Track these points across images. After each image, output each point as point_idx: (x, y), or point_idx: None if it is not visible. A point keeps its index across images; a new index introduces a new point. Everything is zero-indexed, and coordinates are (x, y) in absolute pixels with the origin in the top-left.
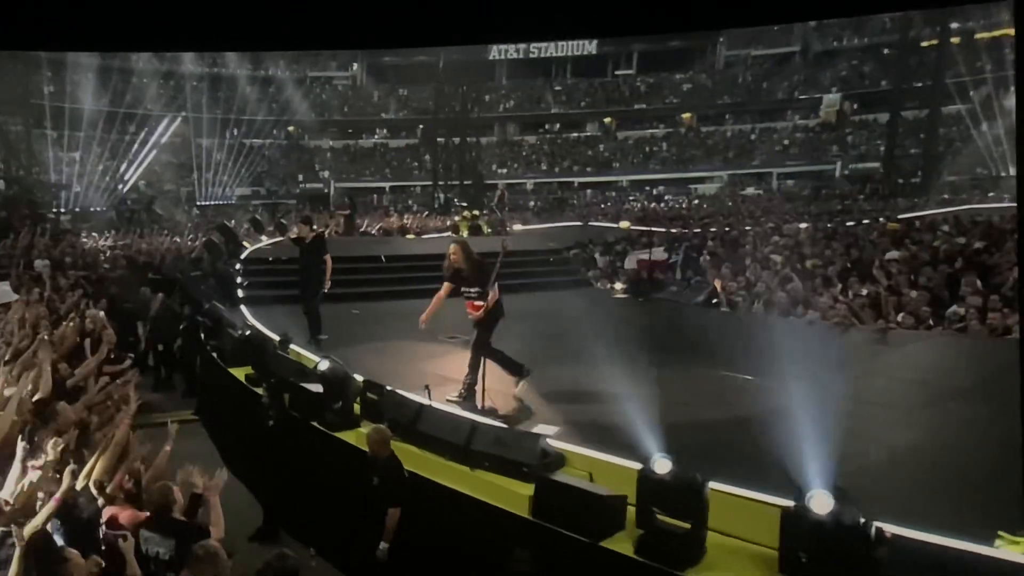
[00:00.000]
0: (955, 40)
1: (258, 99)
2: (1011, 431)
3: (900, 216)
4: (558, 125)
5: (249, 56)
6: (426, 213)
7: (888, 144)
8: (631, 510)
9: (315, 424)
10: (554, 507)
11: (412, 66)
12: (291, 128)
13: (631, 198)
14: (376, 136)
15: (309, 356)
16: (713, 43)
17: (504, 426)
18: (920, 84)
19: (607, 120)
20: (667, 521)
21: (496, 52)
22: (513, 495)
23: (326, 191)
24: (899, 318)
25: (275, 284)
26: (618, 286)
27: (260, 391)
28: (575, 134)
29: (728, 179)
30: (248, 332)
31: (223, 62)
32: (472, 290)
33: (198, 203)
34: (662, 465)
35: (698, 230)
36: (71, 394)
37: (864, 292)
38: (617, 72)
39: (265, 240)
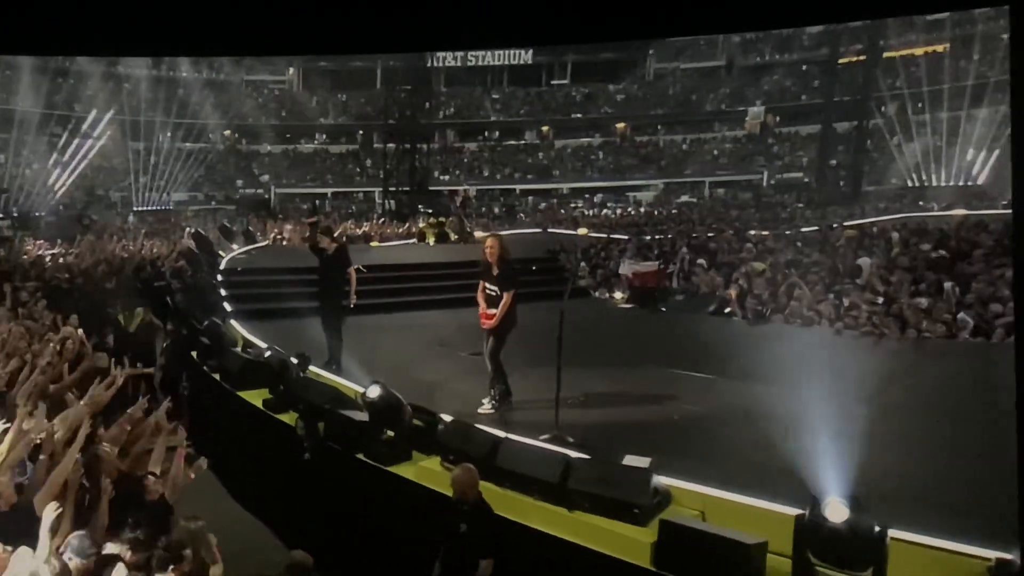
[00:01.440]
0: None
1: (193, 102)
2: None
3: (847, 223)
4: (497, 133)
5: (183, 58)
6: (382, 220)
7: (820, 155)
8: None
9: (362, 458)
10: (684, 556)
11: (349, 72)
12: (227, 132)
13: (571, 205)
14: (316, 142)
15: (333, 378)
16: (643, 55)
17: (607, 461)
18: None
19: (544, 128)
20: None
21: (434, 60)
22: (627, 541)
23: (267, 196)
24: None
25: (263, 297)
26: (618, 295)
27: (285, 419)
28: (514, 142)
29: (664, 187)
30: (267, 352)
31: (156, 64)
32: (493, 288)
33: (135, 208)
34: (837, 511)
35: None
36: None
37: (880, 300)
38: (552, 82)
39: (237, 248)
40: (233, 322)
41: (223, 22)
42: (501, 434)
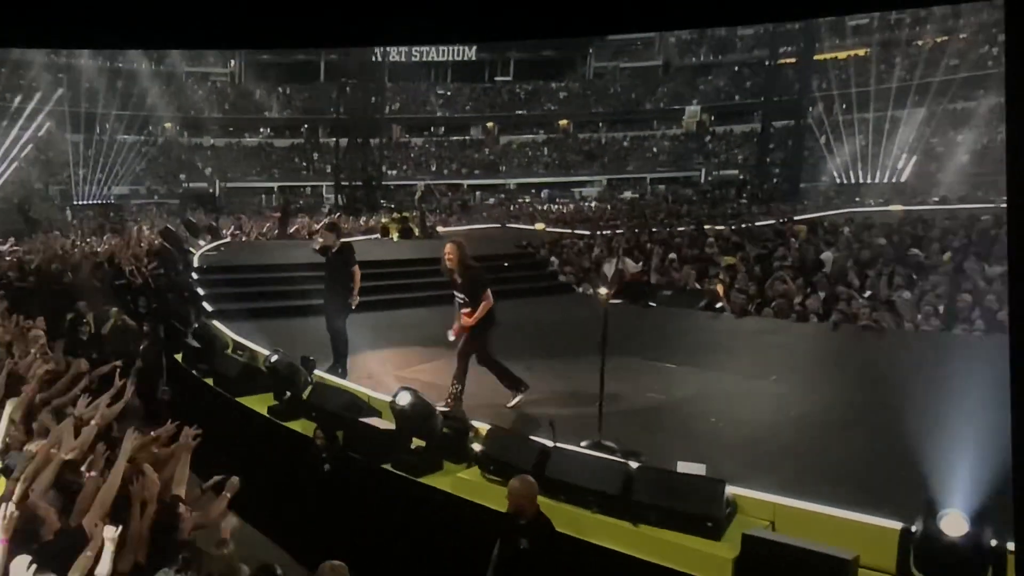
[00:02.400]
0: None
1: (133, 93)
2: None
3: (796, 218)
4: (443, 128)
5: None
6: (339, 215)
7: (760, 153)
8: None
9: (390, 469)
10: (770, 573)
11: (292, 65)
12: (168, 124)
13: (519, 200)
14: (260, 135)
15: (346, 385)
16: (583, 54)
17: (687, 472)
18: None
19: (489, 125)
20: None
21: (378, 54)
22: (703, 557)
23: (211, 191)
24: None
25: (244, 296)
26: (602, 291)
27: (295, 427)
28: (460, 137)
29: (607, 183)
30: (274, 356)
31: (95, 54)
32: (461, 296)
33: (75, 203)
34: (955, 524)
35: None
36: None
37: (867, 293)
38: (496, 78)
39: (204, 244)
40: (216, 323)
41: (165, 14)
42: (549, 443)
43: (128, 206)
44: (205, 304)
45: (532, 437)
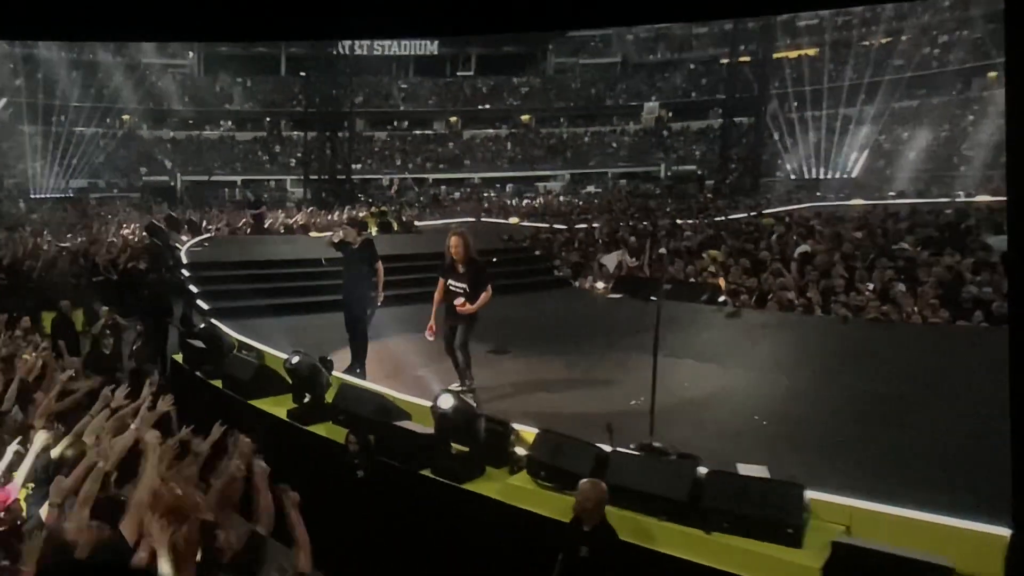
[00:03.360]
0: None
1: (86, 85)
2: None
3: (764, 212)
4: (407, 122)
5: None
6: (310, 209)
7: (723, 148)
8: None
9: (429, 475)
10: None
11: (252, 57)
12: (126, 117)
13: (486, 194)
14: (221, 128)
15: (372, 387)
16: (543, 50)
17: (752, 475)
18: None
19: (452, 119)
20: None
21: (340, 47)
22: (786, 566)
23: (172, 184)
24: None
25: (239, 294)
26: (600, 285)
27: (320, 431)
28: (424, 131)
29: (570, 178)
30: (296, 358)
31: (51, 44)
32: (461, 286)
33: (31, 196)
34: None
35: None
36: None
37: (871, 286)
38: (458, 73)
39: (187, 239)
40: (215, 321)
41: (123, 5)
42: (607, 447)
43: (87, 199)
44: (200, 302)
45: (586, 440)
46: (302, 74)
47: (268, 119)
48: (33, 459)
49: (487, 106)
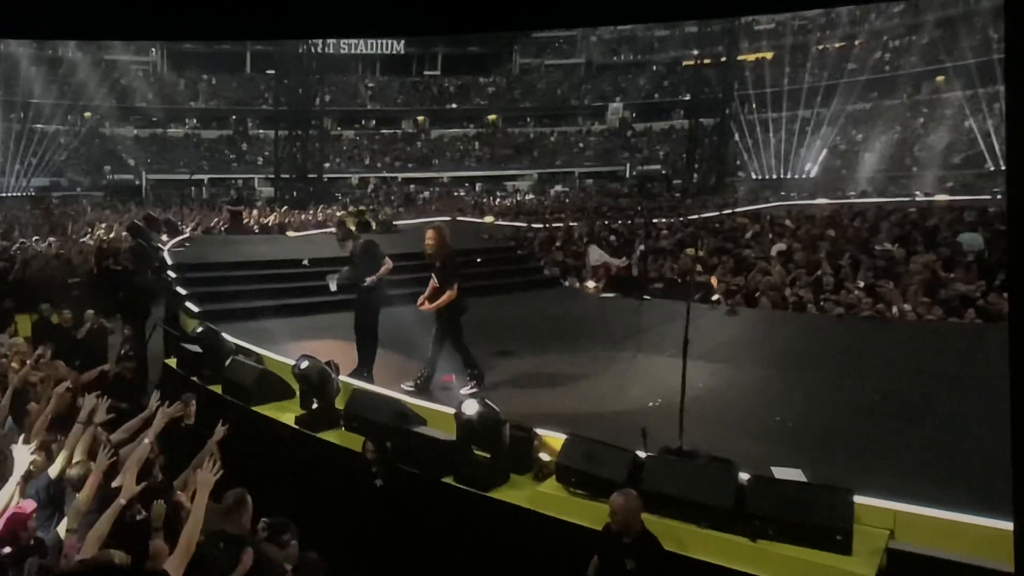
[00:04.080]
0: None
1: (48, 80)
2: None
3: (736, 211)
4: (374, 121)
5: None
6: (284, 208)
7: (689, 149)
8: None
9: (452, 483)
10: None
11: (217, 54)
12: (87, 114)
13: (456, 193)
14: (186, 126)
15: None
16: (508, 50)
17: (796, 478)
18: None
19: (420, 118)
20: None
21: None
22: (837, 574)
23: (137, 183)
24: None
25: (229, 295)
26: (590, 284)
27: (332, 438)
28: (391, 130)
29: (538, 177)
30: (305, 363)
31: (6, 40)
32: (436, 280)
33: None
34: None
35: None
36: None
37: (861, 284)
38: (425, 72)
39: (168, 240)
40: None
41: (85, 4)
42: (641, 453)
43: (50, 198)
44: (190, 304)
45: (614, 445)
46: (268, 72)
47: (234, 117)
48: (23, 478)
49: (454, 105)
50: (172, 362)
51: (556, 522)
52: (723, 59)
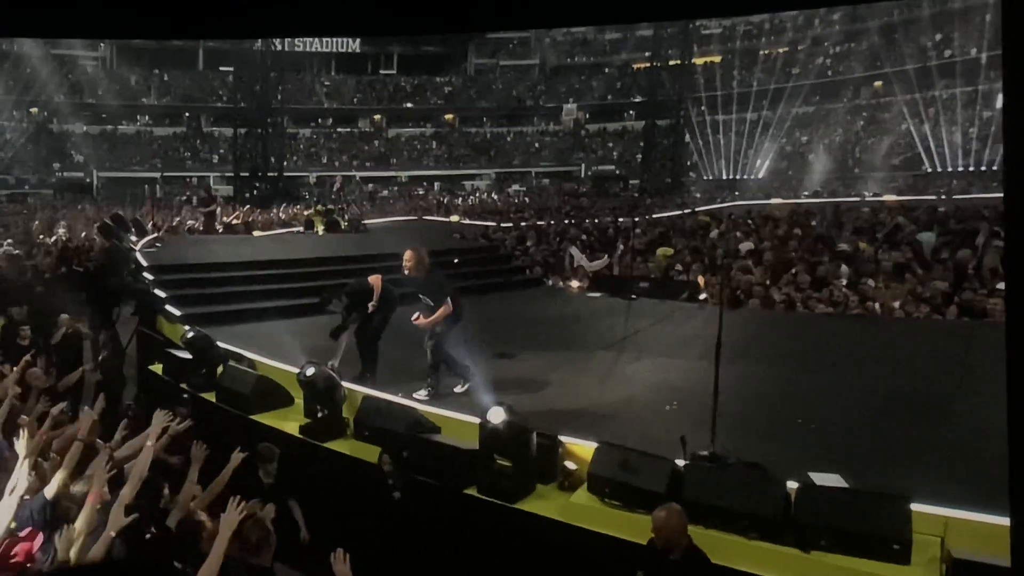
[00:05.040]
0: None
1: None
2: None
3: (698, 210)
4: (331, 119)
5: None
6: (246, 207)
7: (645, 150)
8: None
9: (475, 494)
10: None
11: (168, 50)
12: (33, 110)
13: (418, 192)
14: (138, 123)
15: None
16: (463, 50)
17: (836, 484)
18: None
19: (377, 117)
20: None
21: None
22: None
23: (88, 180)
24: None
25: (211, 298)
26: (574, 284)
27: (342, 448)
28: (348, 129)
29: (495, 176)
30: (311, 369)
31: None
32: (425, 299)
33: None
34: None
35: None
36: None
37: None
38: (380, 71)
39: (137, 240)
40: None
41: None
42: (679, 462)
43: None
44: (171, 308)
45: (652, 453)
46: (222, 68)
47: (187, 114)
48: (18, 501)
49: (411, 105)
50: (157, 368)
51: (590, 534)
52: (678, 62)
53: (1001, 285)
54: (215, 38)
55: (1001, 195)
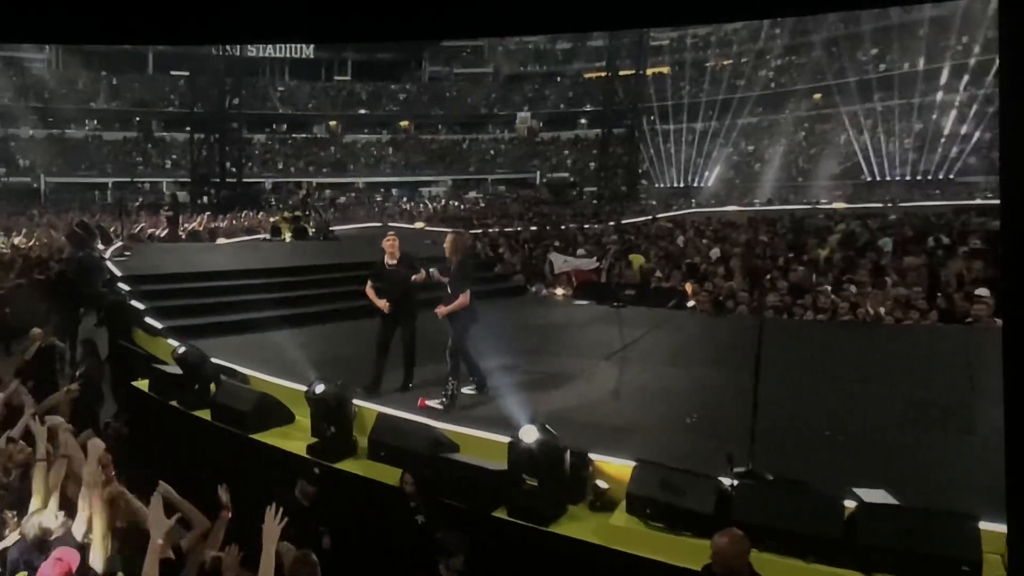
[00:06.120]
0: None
1: None
2: None
3: (659, 216)
4: (286, 125)
5: None
6: (206, 213)
7: (601, 159)
8: None
9: (505, 517)
10: None
11: (116, 53)
12: None
13: (378, 199)
14: (86, 127)
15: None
16: (417, 58)
17: (883, 500)
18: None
19: (332, 123)
20: None
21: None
22: None
23: (36, 186)
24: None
25: (193, 309)
26: (559, 291)
27: (354, 469)
28: (304, 135)
29: (452, 183)
30: (320, 386)
31: None
32: (450, 289)
33: None
34: None
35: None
36: None
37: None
38: (336, 77)
39: (104, 249)
40: (172, 341)
41: None
42: (726, 481)
43: None
44: (150, 320)
45: (693, 471)
46: (173, 73)
47: (138, 119)
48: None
49: (365, 111)
50: (142, 384)
51: (633, 559)
52: (631, 72)
53: (982, 291)
54: (172, 44)
55: (946, 203)
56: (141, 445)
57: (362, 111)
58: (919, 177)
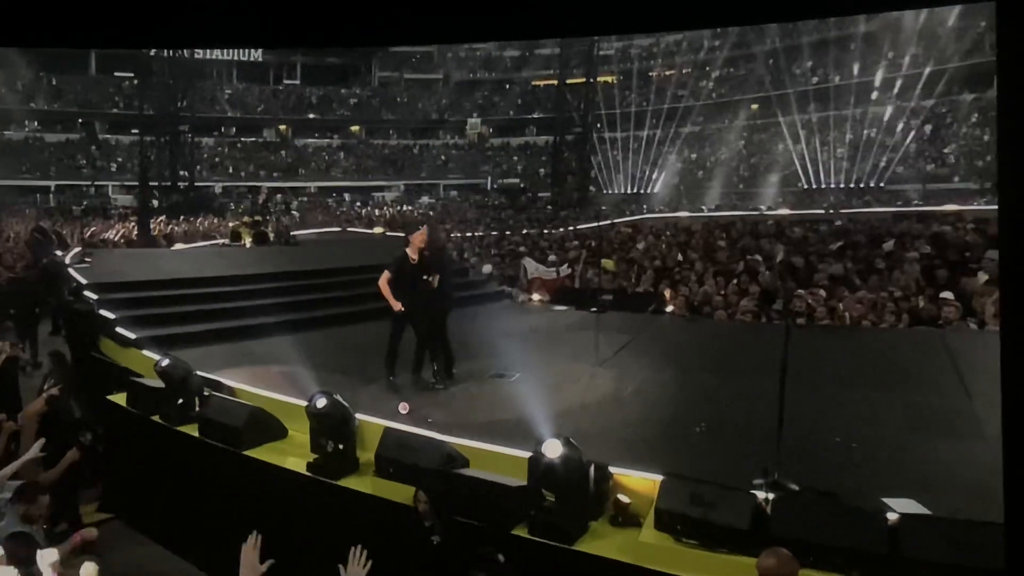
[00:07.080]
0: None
1: None
2: None
3: (617, 222)
4: (234, 129)
5: None
6: (160, 218)
7: (554, 165)
8: None
9: (525, 535)
10: None
11: (55, 54)
12: None
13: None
14: (26, 128)
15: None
16: (367, 63)
17: (914, 510)
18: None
19: (282, 127)
20: None
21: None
22: None
23: None
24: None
25: (165, 318)
26: (535, 297)
27: (359, 486)
28: (254, 139)
29: (404, 189)
30: (322, 400)
31: None
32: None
33: None
34: None
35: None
36: None
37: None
38: (285, 81)
39: (62, 254)
40: (150, 353)
41: None
42: (761, 495)
43: None
44: (121, 330)
45: (726, 485)
46: (117, 74)
47: (81, 120)
48: None
49: (314, 115)
50: (119, 399)
51: None
52: (581, 80)
53: (947, 294)
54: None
55: (885, 210)
56: (119, 462)
57: (312, 115)
58: (852, 185)
